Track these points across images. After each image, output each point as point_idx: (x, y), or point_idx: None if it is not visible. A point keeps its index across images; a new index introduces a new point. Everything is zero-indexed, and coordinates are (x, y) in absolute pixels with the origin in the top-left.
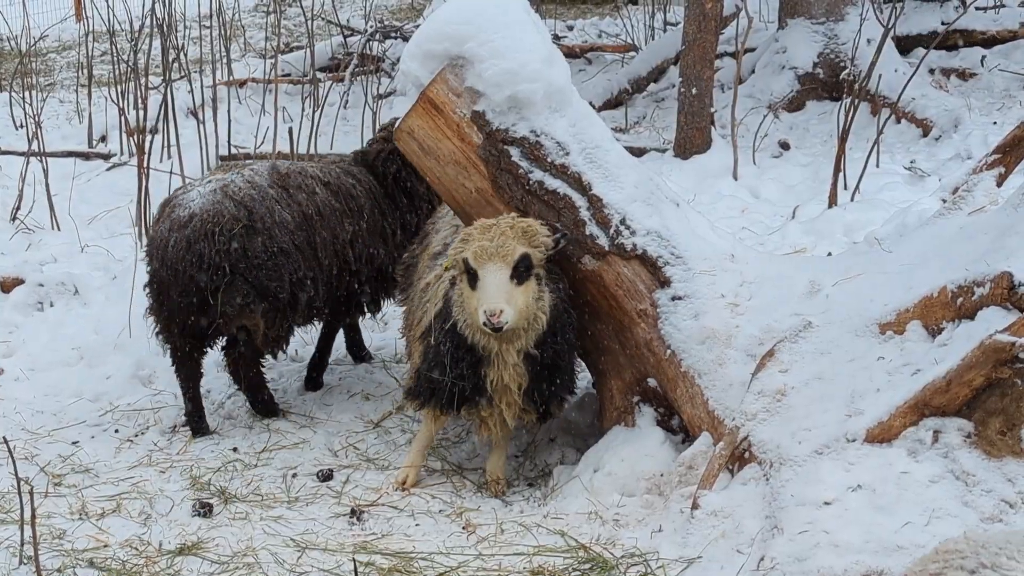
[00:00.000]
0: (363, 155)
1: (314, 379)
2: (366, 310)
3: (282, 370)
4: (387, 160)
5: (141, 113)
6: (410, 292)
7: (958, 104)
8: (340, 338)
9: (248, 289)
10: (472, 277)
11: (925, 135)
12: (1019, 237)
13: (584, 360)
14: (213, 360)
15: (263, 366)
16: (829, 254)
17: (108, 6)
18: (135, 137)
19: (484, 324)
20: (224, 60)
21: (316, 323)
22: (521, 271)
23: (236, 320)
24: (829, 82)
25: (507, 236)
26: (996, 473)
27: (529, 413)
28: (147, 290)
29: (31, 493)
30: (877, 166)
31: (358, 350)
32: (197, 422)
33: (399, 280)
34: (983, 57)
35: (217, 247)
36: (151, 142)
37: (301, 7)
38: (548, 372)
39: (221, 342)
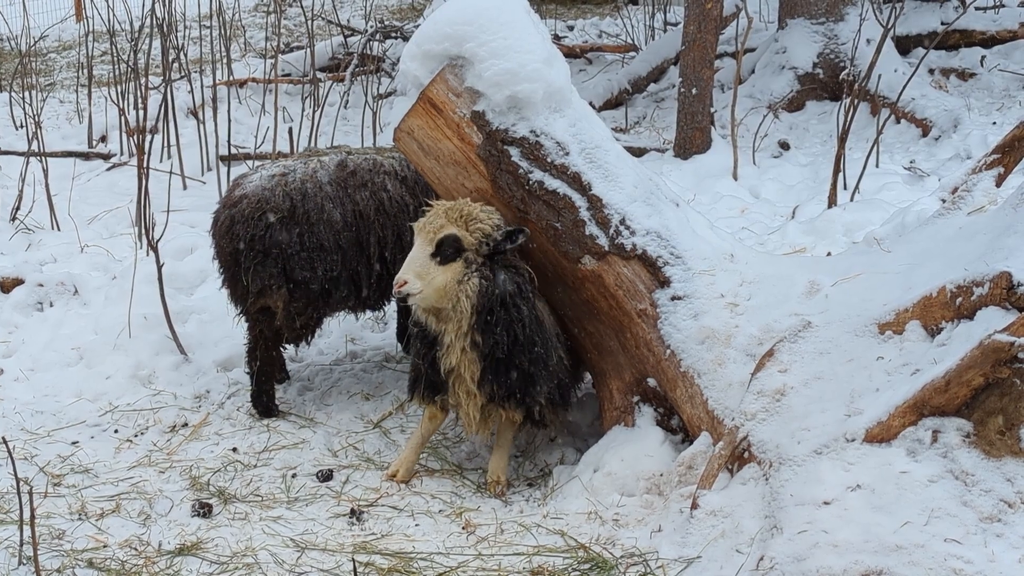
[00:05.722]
0: None
1: (407, 343)
2: None
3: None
4: None
5: (141, 113)
6: None
7: (957, 104)
8: (336, 340)
9: (275, 272)
10: None
11: (924, 135)
12: (1018, 237)
13: (584, 360)
14: (212, 360)
15: (280, 358)
16: (829, 254)
17: (108, 6)
18: (135, 137)
19: (395, 294)
20: (224, 60)
21: (368, 312)
22: (447, 251)
23: (258, 299)
24: (829, 82)
25: (439, 216)
26: (995, 473)
27: (508, 410)
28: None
29: (30, 493)
30: (877, 166)
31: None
32: (262, 402)
33: None
34: (983, 57)
35: (253, 231)
36: (151, 142)
37: (301, 7)
38: (503, 365)
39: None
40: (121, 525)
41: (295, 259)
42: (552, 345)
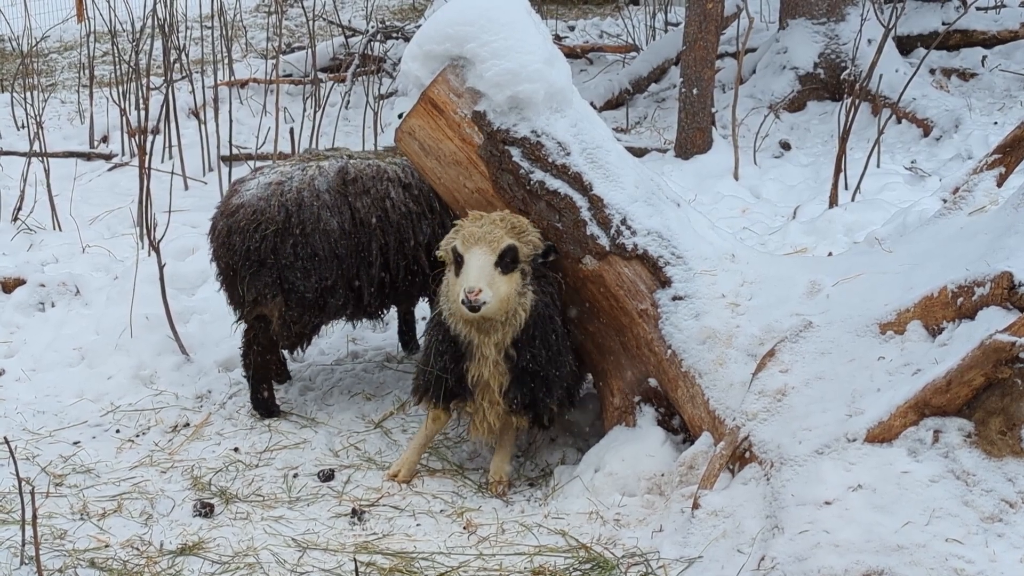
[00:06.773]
0: None
1: (408, 343)
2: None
3: None
4: None
5: (142, 113)
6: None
7: (959, 104)
8: (338, 340)
9: (270, 281)
10: (459, 264)
11: (926, 135)
12: (1019, 237)
13: (585, 360)
14: (213, 360)
15: (280, 359)
16: (830, 254)
17: (110, 6)
18: (136, 137)
19: (463, 302)
20: (225, 60)
21: (365, 320)
22: (507, 261)
23: (254, 308)
24: (830, 82)
25: (496, 225)
26: (996, 473)
27: (519, 417)
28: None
29: (32, 493)
30: (878, 166)
31: (409, 338)
32: (262, 403)
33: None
34: (984, 57)
35: (249, 242)
36: (152, 142)
37: (303, 7)
38: (530, 377)
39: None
40: (123, 525)
41: (289, 269)
42: (568, 352)
